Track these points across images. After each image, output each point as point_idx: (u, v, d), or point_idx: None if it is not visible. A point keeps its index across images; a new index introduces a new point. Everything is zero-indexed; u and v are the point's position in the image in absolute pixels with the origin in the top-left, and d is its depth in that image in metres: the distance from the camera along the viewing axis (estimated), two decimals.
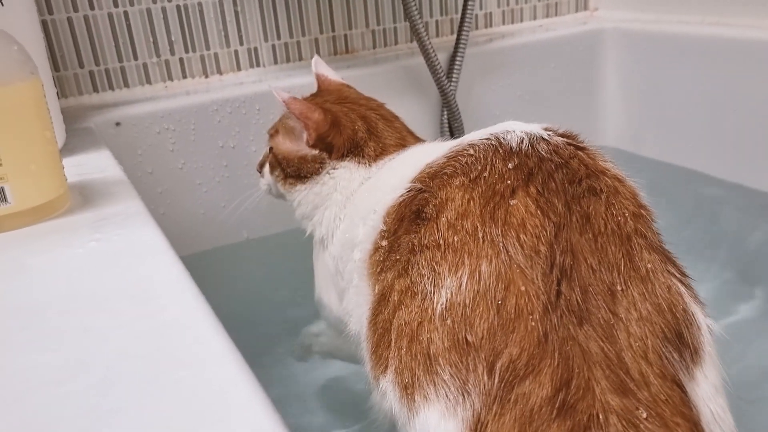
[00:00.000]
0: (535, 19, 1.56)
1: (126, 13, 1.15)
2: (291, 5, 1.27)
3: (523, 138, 0.54)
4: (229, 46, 1.25)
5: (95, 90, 1.17)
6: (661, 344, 0.46)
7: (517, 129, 0.56)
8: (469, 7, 1.29)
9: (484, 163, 0.53)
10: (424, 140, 0.79)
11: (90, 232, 0.61)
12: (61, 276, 0.53)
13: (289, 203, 0.80)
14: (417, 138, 0.79)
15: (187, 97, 1.14)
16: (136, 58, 1.18)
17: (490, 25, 1.51)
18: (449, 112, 1.31)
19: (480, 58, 1.37)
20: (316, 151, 0.75)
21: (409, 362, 0.49)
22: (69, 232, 0.62)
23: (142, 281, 0.52)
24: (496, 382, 0.44)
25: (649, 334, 0.46)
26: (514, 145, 0.54)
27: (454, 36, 1.33)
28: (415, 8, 1.20)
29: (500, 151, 0.54)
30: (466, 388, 0.45)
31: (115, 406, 0.38)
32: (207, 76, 1.24)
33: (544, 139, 0.54)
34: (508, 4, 1.52)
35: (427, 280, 0.50)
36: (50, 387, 0.40)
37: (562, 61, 1.46)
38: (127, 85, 1.19)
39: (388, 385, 0.51)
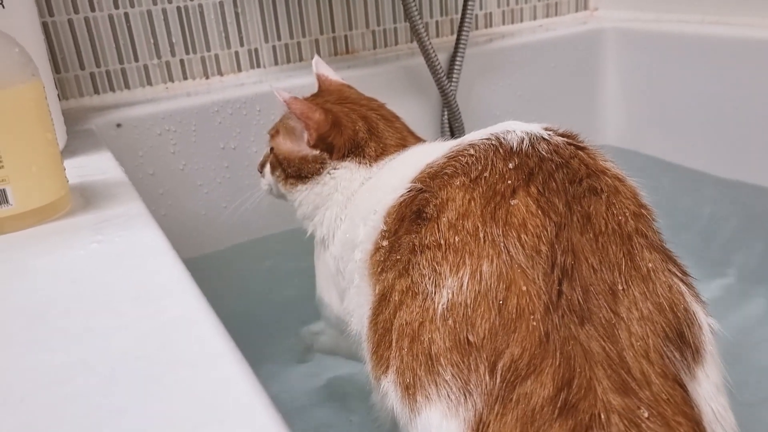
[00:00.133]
0: (535, 19, 1.56)
1: (126, 15, 1.15)
2: (291, 6, 1.28)
3: (523, 138, 0.54)
4: (229, 47, 1.25)
5: (96, 92, 1.17)
6: (662, 343, 0.46)
7: (518, 129, 0.56)
8: (469, 8, 1.29)
9: (484, 163, 0.53)
10: (425, 140, 0.79)
11: (91, 233, 0.61)
12: (63, 277, 0.54)
13: (290, 203, 0.81)
14: (417, 138, 0.79)
15: (188, 98, 1.14)
16: (136, 60, 1.18)
17: (490, 25, 1.51)
18: (449, 112, 1.31)
19: (480, 58, 1.37)
20: (317, 152, 0.75)
21: (410, 362, 0.49)
22: (70, 233, 0.62)
23: (143, 282, 0.52)
24: (498, 382, 0.44)
25: (651, 334, 0.46)
26: (515, 145, 0.54)
27: (454, 36, 1.33)
28: (415, 9, 1.20)
29: (501, 151, 0.54)
30: (468, 388, 0.45)
31: (118, 406, 0.38)
32: (208, 78, 1.24)
33: (545, 139, 0.54)
34: (508, 4, 1.52)
35: (428, 280, 0.50)
36: (54, 387, 0.40)
37: (562, 61, 1.46)
38: (128, 87, 1.19)
39: (390, 385, 0.51)
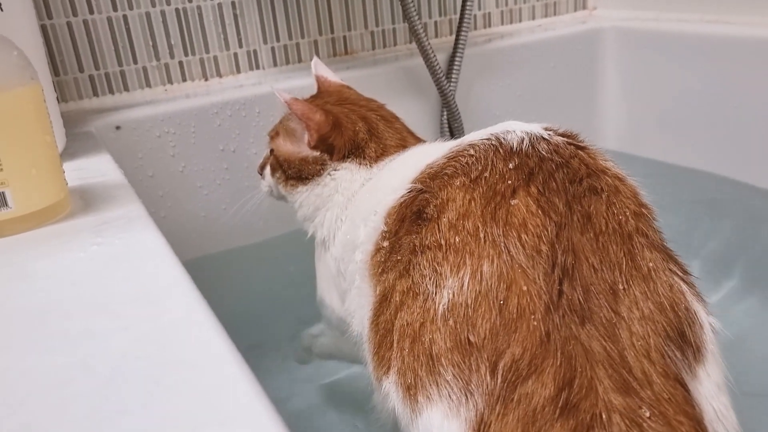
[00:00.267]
0: (534, 18, 1.57)
1: (125, 17, 1.15)
2: (290, 7, 1.28)
3: (523, 138, 0.54)
4: (228, 49, 1.25)
5: (95, 94, 1.17)
6: (663, 343, 0.46)
7: (518, 129, 0.56)
8: (468, 8, 1.29)
9: (484, 164, 0.53)
10: (425, 141, 0.79)
11: (91, 236, 0.61)
12: (63, 280, 0.54)
13: (291, 205, 0.80)
14: (417, 138, 0.79)
15: (187, 100, 1.14)
16: (135, 62, 1.18)
17: (489, 26, 1.51)
18: (449, 113, 1.31)
19: (479, 59, 1.37)
20: (318, 153, 0.75)
21: (411, 363, 0.49)
22: (70, 236, 0.62)
23: (143, 284, 0.52)
24: (499, 382, 0.44)
25: (652, 333, 0.46)
26: (515, 145, 0.54)
27: (453, 36, 1.33)
28: (413, 9, 1.20)
29: (501, 151, 0.54)
30: (469, 389, 0.45)
31: (119, 407, 0.38)
32: (207, 79, 1.24)
33: (545, 139, 0.54)
34: (507, 4, 1.52)
35: (429, 280, 0.50)
36: (54, 388, 0.40)
37: (561, 61, 1.46)
38: (127, 89, 1.19)
39: (391, 385, 0.51)
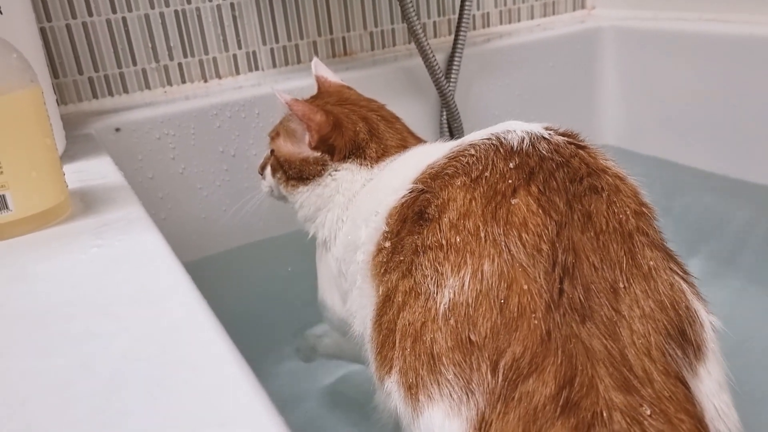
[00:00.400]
0: (533, 18, 1.57)
1: (124, 19, 1.15)
2: (289, 8, 1.28)
3: (523, 137, 0.54)
4: (227, 51, 1.25)
5: (95, 96, 1.17)
6: (664, 341, 0.46)
7: (518, 128, 0.56)
8: (467, 8, 1.29)
9: (485, 163, 0.53)
10: (425, 141, 0.79)
11: (91, 238, 0.61)
12: (63, 282, 0.54)
13: (291, 205, 0.81)
14: (418, 139, 0.79)
15: (187, 101, 1.14)
16: (135, 64, 1.18)
17: (488, 25, 1.51)
18: (448, 113, 1.31)
19: (478, 59, 1.37)
20: (318, 153, 0.75)
21: (413, 362, 0.49)
22: (71, 238, 0.62)
23: (144, 286, 0.52)
24: (500, 380, 0.44)
25: (652, 331, 0.46)
26: (515, 145, 0.54)
27: (452, 36, 1.33)
28: (412, 9, 1.20)
29: (501, 150, 0.54)
30: (470, 387, 0.45)
31: (120, 409, 0.38)
32: (206, 81, 1.25)
33: (545, 138, 0.54)
34: (506, 4, 1.52)
35: (431, 280, 0.50)
36: (55, 390, 0.40)
37: (560, 60, 1.46)
38: (126, 91, 1.19)
39: (393, 385, 0.51)
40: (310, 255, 0.82)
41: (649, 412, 0.43)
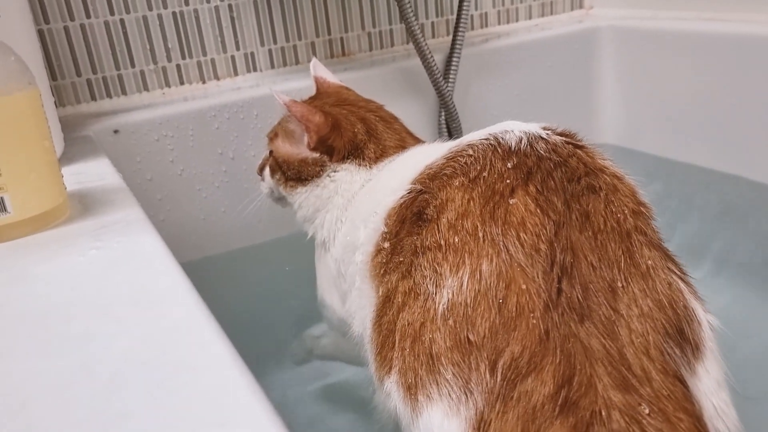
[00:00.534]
0: (531, 18, 1.57)
1: (122, 21, 1.15)
2: (287, 9, 1.28)
3: (521, 137, 0.54)
4: (225, 52, 1.25)
5: (93, 98, 1.17)
6: (662, 340, 0.46)
7: (516, 128, 0.56)
8: (465, 8, 1.29)
9: (483, 163, 0.53)
10: (424, 141, 0.79)
11: (90, 240, 0.61)
12: (63, 284, 0.54)
13: (290, 206, 0.81)
14: (416, 139, 0.79)
15: (185, 103, 1.14)
16: (133, 66, 1.18)
17: (486, 26, 1.52)
18: (447, 113, 1.31)
19: (476, 59, 1.37)
20: (317, 154, 0.75)
21: (412, 362, 0.49)
22: (69, 240, 0.62)
23: (143, 287, 0.52)
24: (499, 380, 0.44)
25: (651, 330, 0.46)
26: (513, 145, 0.54)
27: (450, 37, 1.33)
28: (410, 10, 1.21)
29: (499, 150, 0.54)
30: (469, 387, 0.45)
31: (119, 410, 0.38)
32: (204, 82, 1.25)
33: (543, 138, 0.55)
34: (504, 4, 1.52)
35: (429, 280, 0.50)
36: (55, 392, 0.40)
37: (559, 60, 1.46)
38: (124, 93, 1.19)
39: (393, 385, 0.51)
40: (309, 256, 0.82)
41: (647, 411, 0.43)
